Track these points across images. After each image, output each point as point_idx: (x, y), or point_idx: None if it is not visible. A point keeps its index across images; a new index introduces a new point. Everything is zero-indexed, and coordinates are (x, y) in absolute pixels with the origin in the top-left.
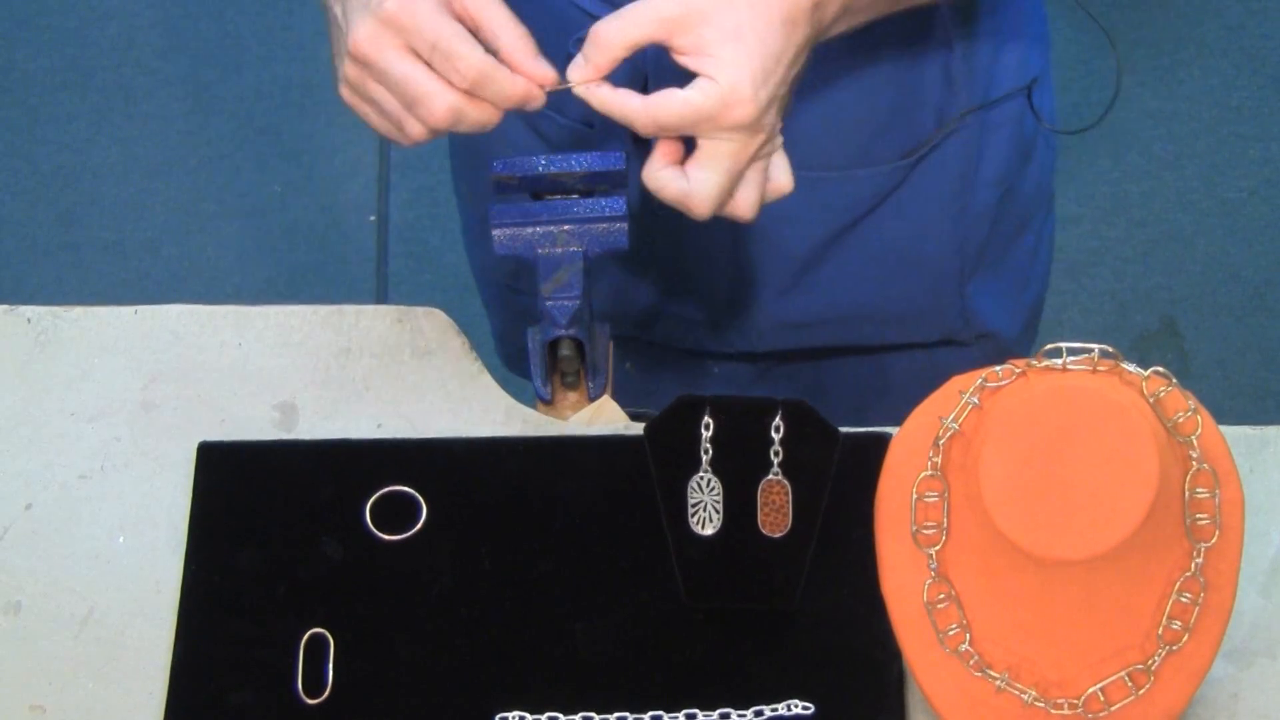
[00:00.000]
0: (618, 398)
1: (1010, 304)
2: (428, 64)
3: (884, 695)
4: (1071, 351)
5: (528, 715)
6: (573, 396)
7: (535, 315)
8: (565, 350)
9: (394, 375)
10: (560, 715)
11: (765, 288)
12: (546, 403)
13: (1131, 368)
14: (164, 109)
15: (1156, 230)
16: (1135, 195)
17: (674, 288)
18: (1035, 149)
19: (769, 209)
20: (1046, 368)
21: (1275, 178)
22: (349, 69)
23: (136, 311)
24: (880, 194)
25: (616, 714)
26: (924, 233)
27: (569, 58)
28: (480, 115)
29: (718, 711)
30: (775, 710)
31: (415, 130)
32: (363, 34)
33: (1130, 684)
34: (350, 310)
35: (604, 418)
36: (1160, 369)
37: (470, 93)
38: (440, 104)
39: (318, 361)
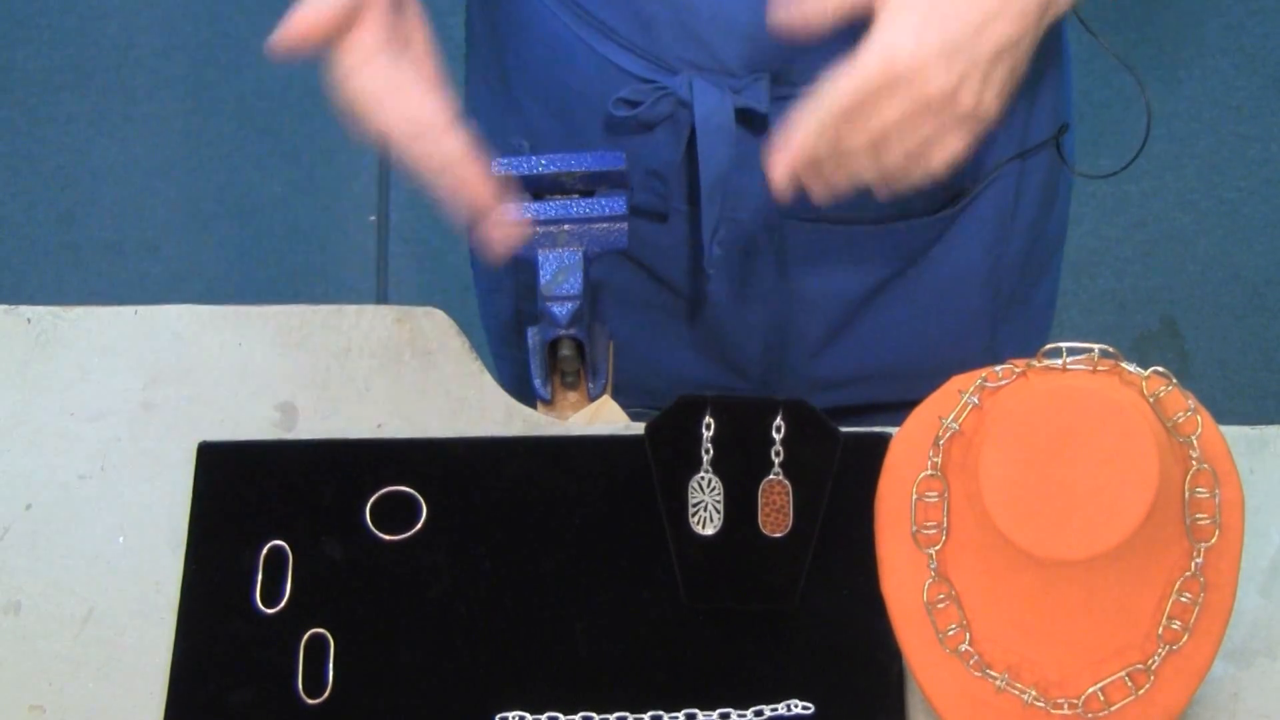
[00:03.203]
0: (618, 398)
1: (1032, 350)
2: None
3: (884, 695)
4: (1071, 351)
5: (528, 715)
6: (573, 396)
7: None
8: (565, 350)
9: (394, 375)
10: (560, 715)
11: (799, 350)
12: (546, 403)
13: (1131, 368)
14: (164, 109)
15: (1156, 230)
16: (1135, 195)
17: (709, 357)
18: (1059, 193)
19: (807, 266)
20: (1046, 368)
21: (1275, 177)
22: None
23: (137, 312)
24: (918, 248)
25: (616, 714)
26: (960, 285)
27: (609, 117)
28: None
29: (718, 711)
30: (775, 710)
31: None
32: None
33: (1130, 684)
34: (350, 310)
35: (604, 418)
36: (1160, 369)
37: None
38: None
39: (318, 361)
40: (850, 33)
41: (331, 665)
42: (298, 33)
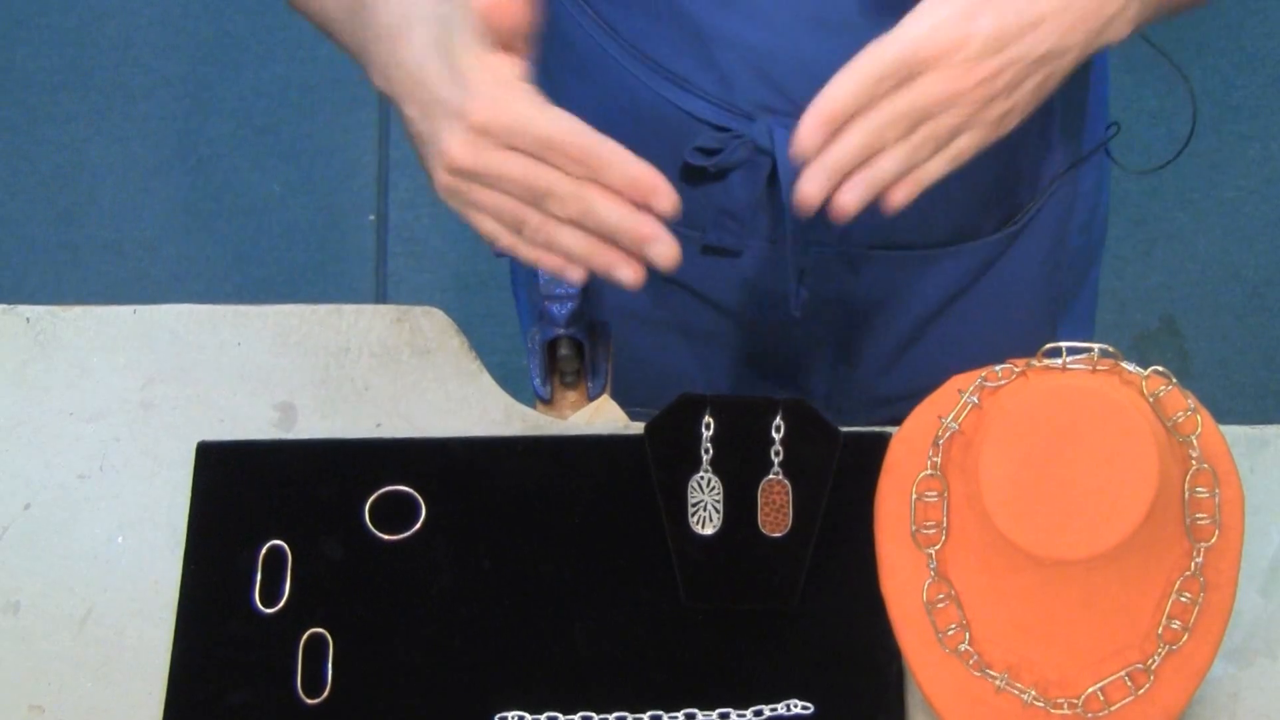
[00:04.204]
0: (617, 397)
1: (1085, 337)
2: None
3: (883, 695)
4: (1071, 350)
5: (527, 715)
6: (572, 396)
7: None
8: (564, 350)
9: (393, 375)
10: (559, 715)
11: (865, 369)
12: (546, 402)
13: (1131, 367)
14: (163, 108)
15: (1156, 229)
16: (1135, 194)
17: (773, 381)
18: (1104, 187)
19: (876, 291)
20: (1046, 367)
21: (1275, 176)
22: (451, 182)
23: (135, 311)
24: (983, 264)
25: (616, 714)
26: (1022, 292)
27: (685, 166)
28: (611, 207)
29: (717, 711)
30: (775, 710)
31: (541, 229)
32: (458, 145)
33: (1130, 684)
34: (349, 310)
35: (603, 417)
36: (1160, 368)
37: (591, 178)
38: (567, 187)
39: (316, 361)
40: None
41: (330, 665)
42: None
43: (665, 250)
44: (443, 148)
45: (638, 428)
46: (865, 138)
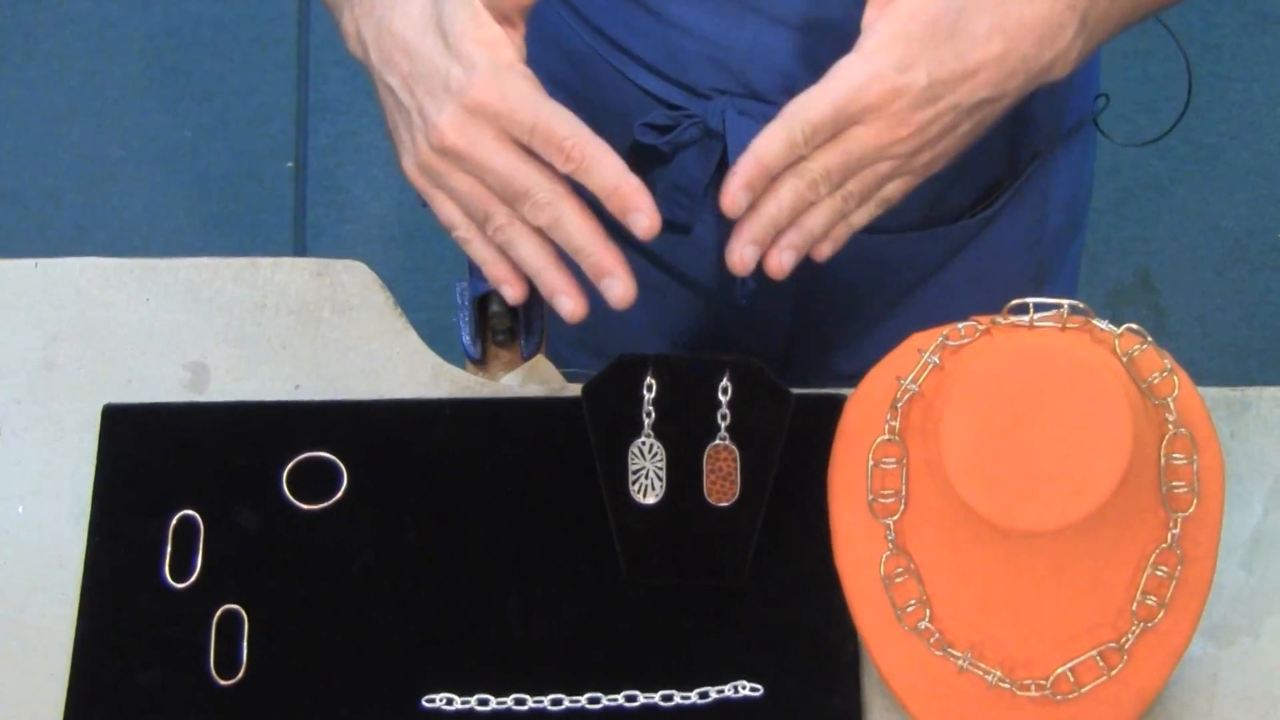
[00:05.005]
0: (552, 357)
1: None
2: (527, 150)
3: (838, 676)
4: (1039, 307)
5: (456, 697)
6: (505, 355)
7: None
8: (496, 306)
9: (312, 333)
10: (490, 698)
11: (825, 348)
12: (476, 362)
13: (1103, 325)
14: (66, 47)
15: (1130, 178)
16: (1106, 142)
17: (729, 344)
18: (1090, 155)
19: (840, 273)
20: (1012, 325)
21: (1258, 120)
22: (432, 160)
23: (37, 265)
24: (959, 245)
25: (551, 696)
26: (1002, 267)
27: (634, 143)
28: (581, 227)
29: (660, 693)
30: (721, 692)
31: (504, 229)
32: (449, 123)
33: (1102, 664)
34: (266, 263)
35: (537, 378)
36: (1134, 326)
37: (574, 177)
38: (545, 194)
39: (231, 318)
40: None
41: (245, 644)
42: None
43: (621, 287)
44: (433, 123)
45: (574, 390)
46: (794, 198)
